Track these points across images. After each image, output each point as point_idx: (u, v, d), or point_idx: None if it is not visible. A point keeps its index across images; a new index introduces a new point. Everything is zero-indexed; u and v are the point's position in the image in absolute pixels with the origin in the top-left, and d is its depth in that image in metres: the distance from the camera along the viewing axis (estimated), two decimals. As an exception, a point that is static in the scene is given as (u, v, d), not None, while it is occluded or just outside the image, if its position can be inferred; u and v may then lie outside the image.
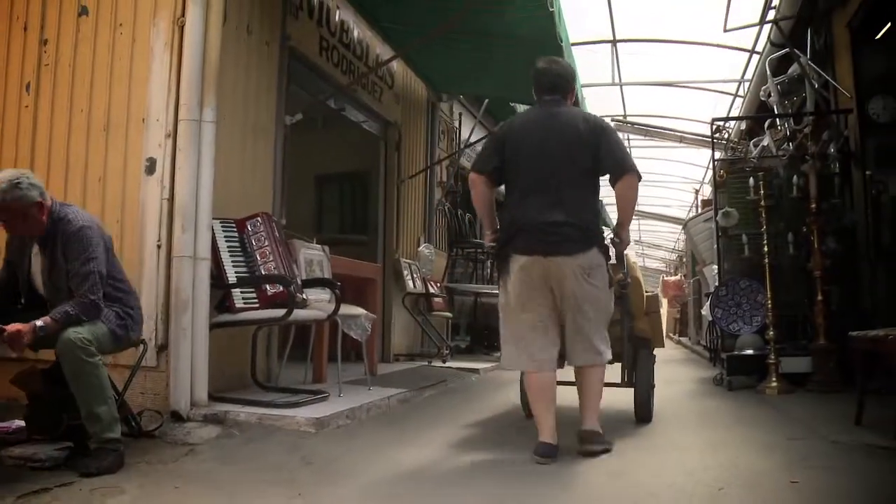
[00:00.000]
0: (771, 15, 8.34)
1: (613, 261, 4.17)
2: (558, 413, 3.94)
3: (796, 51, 7.95)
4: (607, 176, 4.01)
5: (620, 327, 4.74)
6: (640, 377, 5.01)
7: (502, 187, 4.16)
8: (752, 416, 5.37)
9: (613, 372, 4.65)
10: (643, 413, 5.00)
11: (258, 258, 4.85)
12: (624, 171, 3.91)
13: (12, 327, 3.32)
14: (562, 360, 4.12)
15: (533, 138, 3.97)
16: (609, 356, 4.05)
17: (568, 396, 4.38)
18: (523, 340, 3.94)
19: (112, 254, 3.80)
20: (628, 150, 4.12)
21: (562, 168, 3.88)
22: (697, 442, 4.38)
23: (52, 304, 3.60)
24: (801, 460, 3.72)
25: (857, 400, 4.55)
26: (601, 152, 3.90)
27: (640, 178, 3.98)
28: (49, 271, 3.66)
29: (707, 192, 15.11)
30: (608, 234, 4.19)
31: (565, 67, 4.18)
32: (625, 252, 4.38)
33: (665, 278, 24.40)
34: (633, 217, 4.36)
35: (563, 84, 4.10)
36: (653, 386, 5.10)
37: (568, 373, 4.22)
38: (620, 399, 5.22)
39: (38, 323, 3.37)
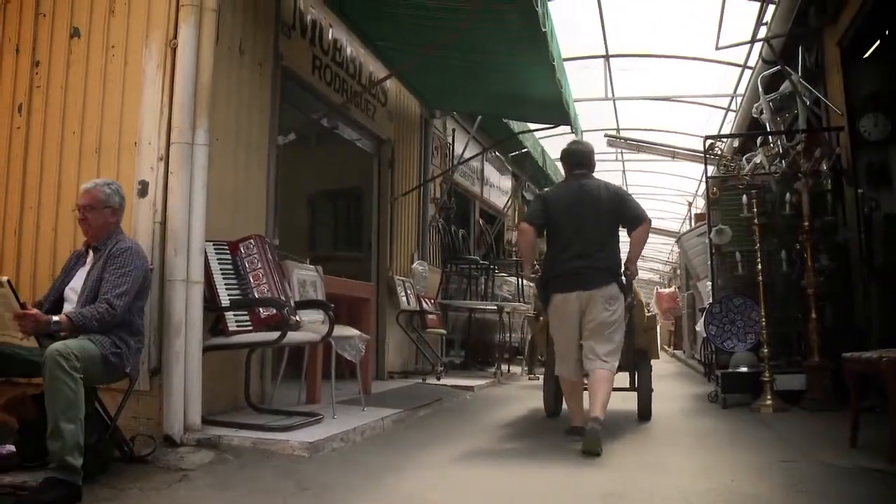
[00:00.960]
0: (762, 32, 8.37)
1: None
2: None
3: (788, 68, 7.99)
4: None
5: (627, 342, 5.47)
6: (641, 383, 6.17)
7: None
8: (747, 436, 5.36)
9: (622, 379, 5.79)
10: (644, 412, 6.10)
11: (251, 281, 4.83)
12: (640, 222, 5.13)
13: (32, 311, 3.44)
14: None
15: (568, 204, 5.17)
16: (615, 366, 5.05)
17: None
18: (563, 354, 5.17)
19: (146, 286, 4.00)
20: (637, 201, 5.37)
21: (589, 226, 5.07)
22: (693, 464, 4.37)
23: None
24: (796, 484, 3.70)
25: (851, 421, 4.54)
26: (621, 212, 5.14)
27: (650, 222, 5.24)
28: (86, 278, 3.85)
29: (700, 204, 15.15)
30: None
31: (588, 147, 5.46)
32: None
33: (659, 290, 24.41)
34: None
35: (587, 161, 5.34)
36: (651, 390, 6.15)
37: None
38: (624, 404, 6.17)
39: (54, 318, 3.49)
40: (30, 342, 3.47)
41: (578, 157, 5.33)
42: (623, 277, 5.14)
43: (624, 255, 5.28)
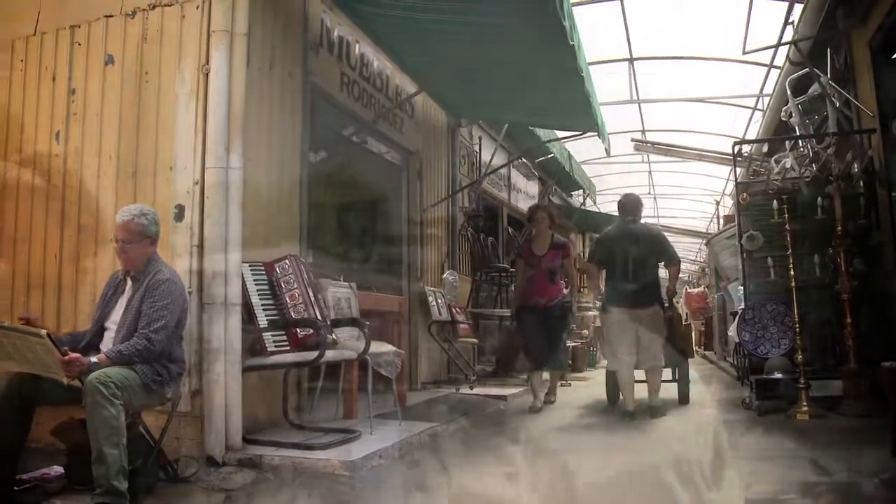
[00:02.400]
0: (789, 32, 8.28)
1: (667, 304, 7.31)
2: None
3: (816, 70, 7.90)
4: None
5: (668, 345, 7.12)
6: (681, 375, 7.93)
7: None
8: (785, 448, 5.26)
9: (665, 373, 7.46)
10: (684, 398, 7.81)
11: (288, 301, 4.89)
12: (674, 263, 7.35)
13: (74, 355, 3.50)
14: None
15: (620, 244, 7.04)
16: (663, 362, 7.10)
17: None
18: (618, 354, 6.95)
19: (184, 314, 4.06)
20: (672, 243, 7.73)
21: (637, 261, 6.90)
22: (731, 476, 4.33)
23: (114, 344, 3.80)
24: (839, 499, 3.68)
25: (891, 431, 4.48)
26: (660, 250, 7.18)
27: (681, 263, 7.59)
28: (125, 310, 3.91)
29: (728, 203, 15.04)
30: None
31: (636, 199, 7.49)
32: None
33: (688, 290, 24.20)
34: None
35: (635, 209, 7.35)
36: (689, 381, 7.94)
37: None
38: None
39: (93, 359, 3.58)
40: (74, 383, 3.54)
41: (627, 207, 7.34)
42: (663, 297, 7.07)
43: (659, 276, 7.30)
